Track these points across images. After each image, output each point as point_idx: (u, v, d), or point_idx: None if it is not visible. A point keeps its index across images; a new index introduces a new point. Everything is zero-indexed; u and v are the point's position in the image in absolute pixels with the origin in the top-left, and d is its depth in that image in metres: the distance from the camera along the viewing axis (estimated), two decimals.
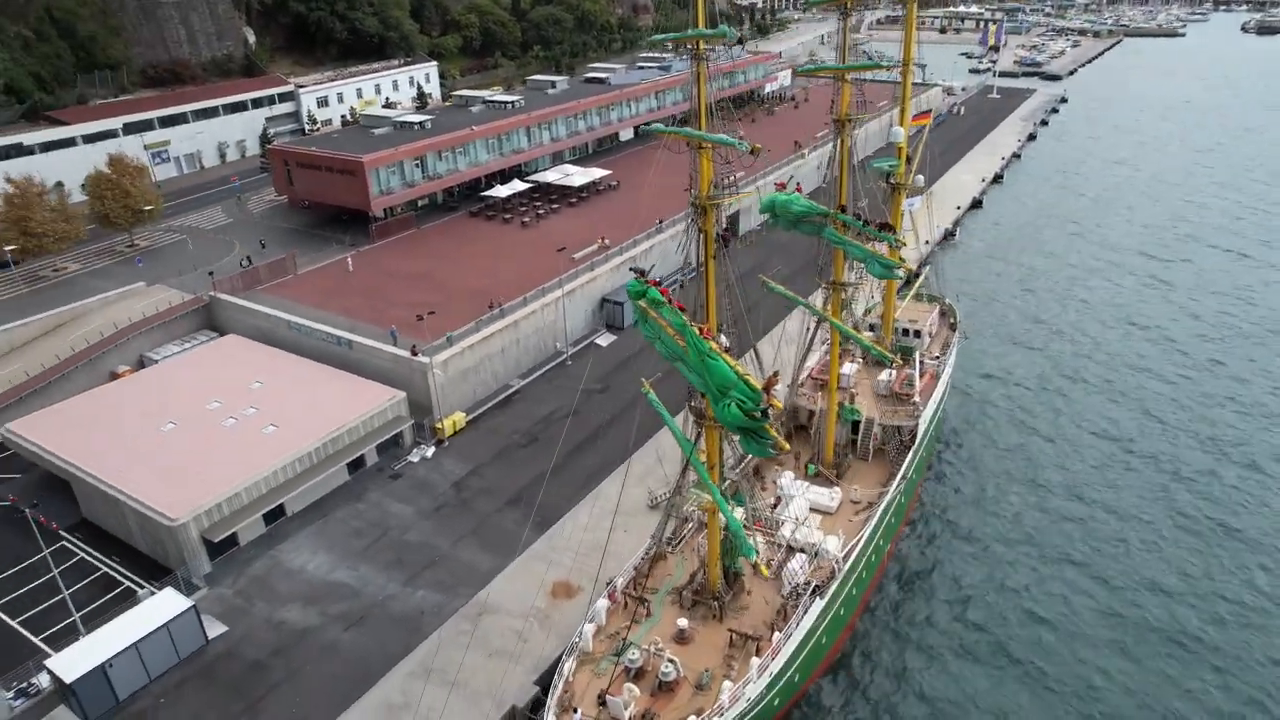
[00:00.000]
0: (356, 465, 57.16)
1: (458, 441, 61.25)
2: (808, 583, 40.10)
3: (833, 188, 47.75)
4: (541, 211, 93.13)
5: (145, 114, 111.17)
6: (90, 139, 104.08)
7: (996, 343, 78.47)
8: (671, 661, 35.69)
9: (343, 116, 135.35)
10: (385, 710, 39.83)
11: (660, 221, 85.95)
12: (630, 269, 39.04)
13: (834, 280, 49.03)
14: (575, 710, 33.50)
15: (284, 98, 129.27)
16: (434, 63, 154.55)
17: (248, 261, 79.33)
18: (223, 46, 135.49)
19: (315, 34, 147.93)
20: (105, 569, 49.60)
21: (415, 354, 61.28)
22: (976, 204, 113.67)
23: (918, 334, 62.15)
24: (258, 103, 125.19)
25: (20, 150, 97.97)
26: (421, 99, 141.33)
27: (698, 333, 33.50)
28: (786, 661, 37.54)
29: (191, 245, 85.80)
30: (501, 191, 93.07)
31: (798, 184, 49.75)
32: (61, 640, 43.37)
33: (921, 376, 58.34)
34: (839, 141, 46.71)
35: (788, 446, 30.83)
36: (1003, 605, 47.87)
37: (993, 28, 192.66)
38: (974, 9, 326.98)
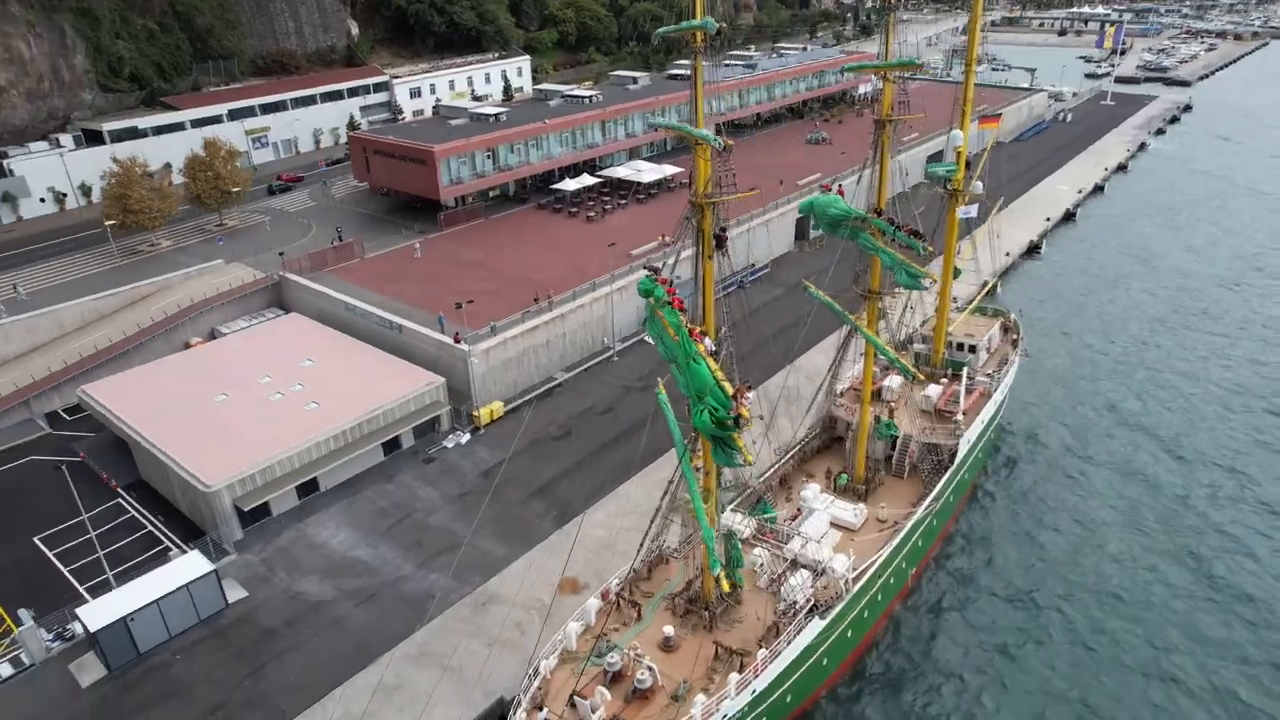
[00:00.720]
0: (392, 446, 58.53)
1: (494, 430, 61.94)
2: (807, 601, 38.43)
3: (883, 197, 45.71)
4: (609, 206, 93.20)
5: (248, 101, 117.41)
6: (198, 123, 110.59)
7: (1063, 366, 73.35)
8: (650, 669, 34.89)
9: (434, 107, 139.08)
10: (379, 689, 40.48)
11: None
12: (644, 266, 38.35)
13: (869, 289, 46.96)
14: (542, 708, 33.18)
15: (378, 88, 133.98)
16: (526, 57, 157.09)
17: (339, 239, 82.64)
18: (327, 38, 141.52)
19: (414, 27, 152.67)
20: (150, 527, 52.47)
21: (458, 341, 62.30)
22: (1069, 216, 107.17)
23: (973, 349, 58.94)
24: (353, 92, 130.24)
25: (135, 133, 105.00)
26: (507, 92, 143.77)
27: (689, 334, 32.82)
28: (774, 681, 36.15)
29: (269, 227, 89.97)
30: (569, 185, 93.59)
31: (839, 186, 47.96)
32: (102, 591, 46.04)
33: (969, 394, 55.30)
34: (878, 142, 44.72)
35: (752, 459, 29.75)
36: (1025, 661, 44.33)
37: (1110, 29, 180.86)
38: (1099, 10, 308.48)
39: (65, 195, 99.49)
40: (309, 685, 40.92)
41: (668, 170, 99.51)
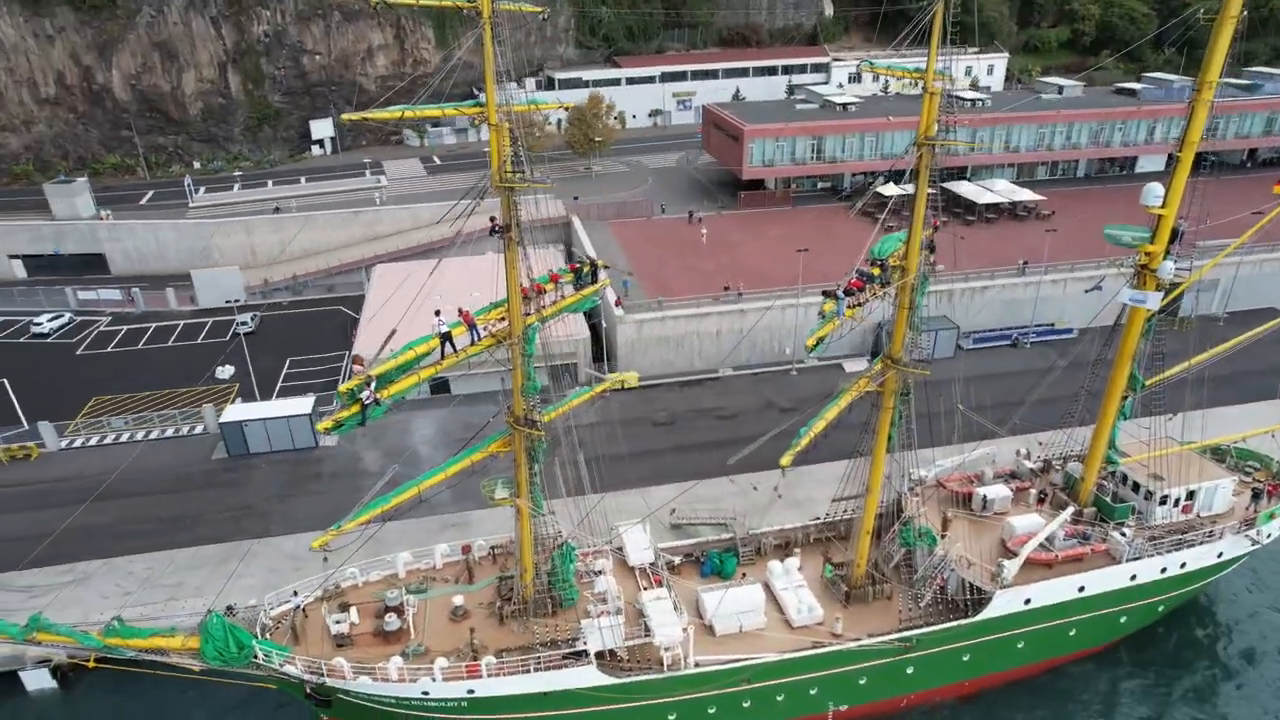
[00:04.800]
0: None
1: (616, 396, 64.58)
2: (589, 645, 35.39)
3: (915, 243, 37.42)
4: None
5: (680, 66, 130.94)
6: (632, 81, 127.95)
7: None
8: (403, 621, 36.88)
9: (874, 93, 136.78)
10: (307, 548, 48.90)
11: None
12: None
13: (887, 354, 38.59)
14: (299, 594, 37.93)
15: (816, 68, 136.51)
16: (1004, 54, 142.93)
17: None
18: (797, 16, 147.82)
19: (898, 12, 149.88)
20: (338, 375, 68.49)
21: (617, 304, 65.93)
22: None
23: (1148, 495, 42.57)
24: (789, 69, 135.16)
25: (579, 84, 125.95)
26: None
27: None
28: (509, 700, 34.93)
29: (595, 178, 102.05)
30: (891, 190, 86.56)
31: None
32: None
33: (1081, 544, 40.84)
34: (918, 172, 36.26)
35: (322, 428, 29.79)
36: None
37: None
38: None
39: None
40: (288, 524, 51.17)
41: (1023, 195, 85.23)
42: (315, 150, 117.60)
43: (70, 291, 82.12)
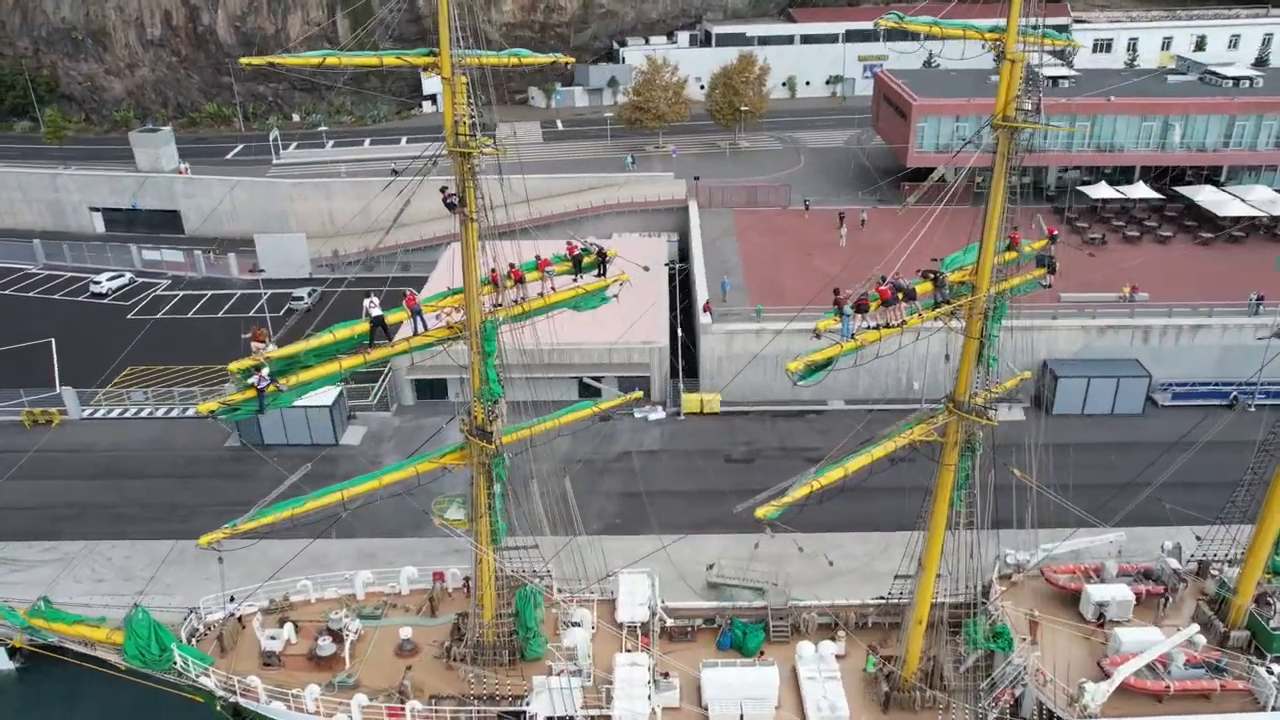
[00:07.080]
0: (592, 393, 67.53)
1: (693, 422, 65.52)
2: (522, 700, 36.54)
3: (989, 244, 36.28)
4: (1134, 233, 79.00)
5: (871, 23, 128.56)
6: (809, 39, 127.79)
7: None
8: (335, 646, 39.58)
9: (1121, 66, 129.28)
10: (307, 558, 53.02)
11: None
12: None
13: (950, 397, 37.35)
14: (235, 599, 41.53)
15: (1058, 29, 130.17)
16: None
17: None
18: None
19: None
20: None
21: (705, 310, 66.60)
22: None
23: None
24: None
25: (742, 40, 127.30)
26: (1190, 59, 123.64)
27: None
28: None
29: (731, 154, 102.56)
30: (1096, 192, 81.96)
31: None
32: None
33: (1211, 676, 37.45)
34: (997, 157, 35.50)
35: (203, 409, 31.96)
36: None
37: None
38: None
39: None
40: (297, 526, 55.24)
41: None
42: (426, 107, 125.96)
43: (135, 250, 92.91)
